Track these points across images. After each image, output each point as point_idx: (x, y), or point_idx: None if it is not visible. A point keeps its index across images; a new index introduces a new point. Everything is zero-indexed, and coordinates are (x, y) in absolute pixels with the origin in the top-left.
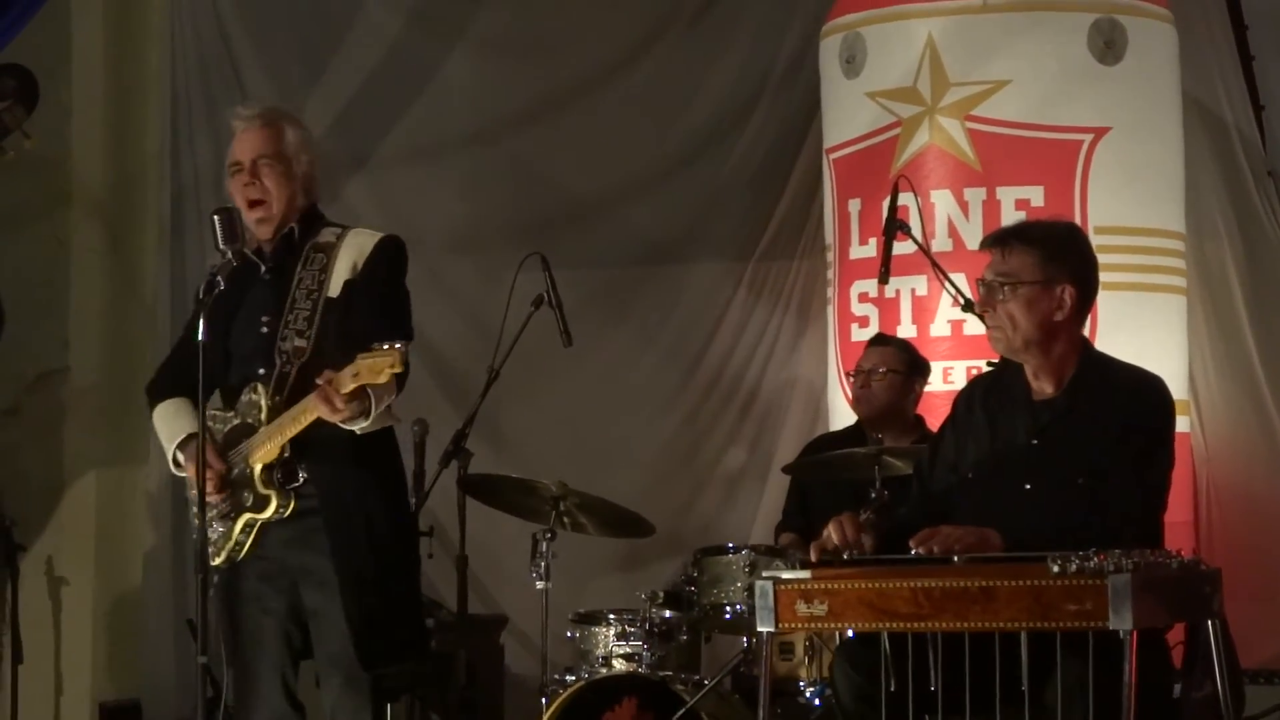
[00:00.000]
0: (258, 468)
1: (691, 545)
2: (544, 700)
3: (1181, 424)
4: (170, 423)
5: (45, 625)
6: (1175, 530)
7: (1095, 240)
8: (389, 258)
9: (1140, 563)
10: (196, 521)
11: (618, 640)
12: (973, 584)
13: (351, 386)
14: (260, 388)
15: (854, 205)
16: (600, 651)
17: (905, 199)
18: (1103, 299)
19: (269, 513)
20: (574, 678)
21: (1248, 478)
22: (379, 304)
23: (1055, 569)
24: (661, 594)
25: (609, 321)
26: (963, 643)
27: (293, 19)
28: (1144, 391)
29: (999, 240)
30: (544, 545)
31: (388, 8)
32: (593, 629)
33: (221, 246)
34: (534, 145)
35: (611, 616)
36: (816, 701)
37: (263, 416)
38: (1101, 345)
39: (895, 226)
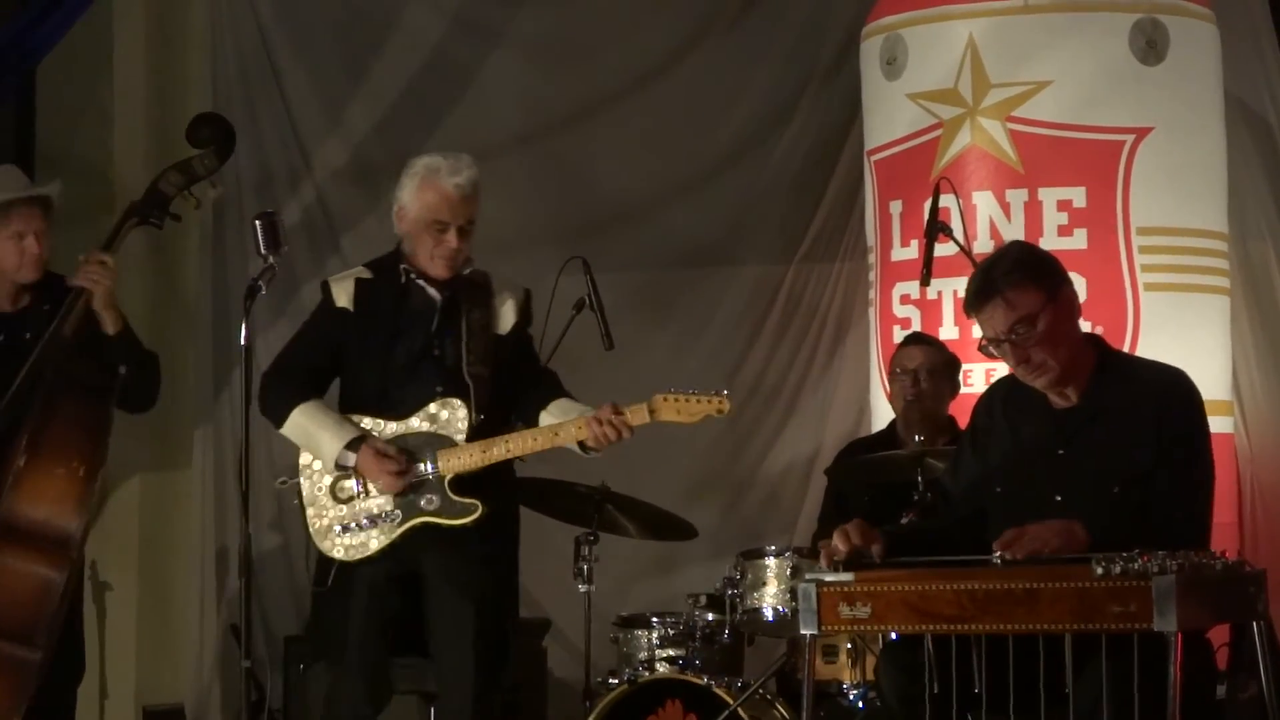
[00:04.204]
0: (448, 476)
1: (734, 548)
2: (587, 704)
3: (1225, 425)
4: (329, 420)
5: (89, 631)
6: (1220, 531)
7: (1138, 241)
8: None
9: (1185, 564)
10: (242, 525)
11: (661, 643)
12: (1016, 586)
13: (647, 420)
14: (460, 403)
15: (895, 207)
16: (643, 654)
17: (947, 200)
18: (1146, 300)
19: (468, 519)
20: (617, 681)
21: None
22: (533, 350)
23: (1099, 570)
24: (704, 597)
25: (651, 324)
26: (1006, 644)
27: (334, 23)
28: (1173, 391)
29: (987, 293)
30: (586, 548)
31: (429, 11)
32: (636, 632)
33: (263, 251)
34: (575, 148)
35: (654, 619)
36: (860, 704)
37: (464, 430)
38: (1144, 346)
39: (937, 228)
